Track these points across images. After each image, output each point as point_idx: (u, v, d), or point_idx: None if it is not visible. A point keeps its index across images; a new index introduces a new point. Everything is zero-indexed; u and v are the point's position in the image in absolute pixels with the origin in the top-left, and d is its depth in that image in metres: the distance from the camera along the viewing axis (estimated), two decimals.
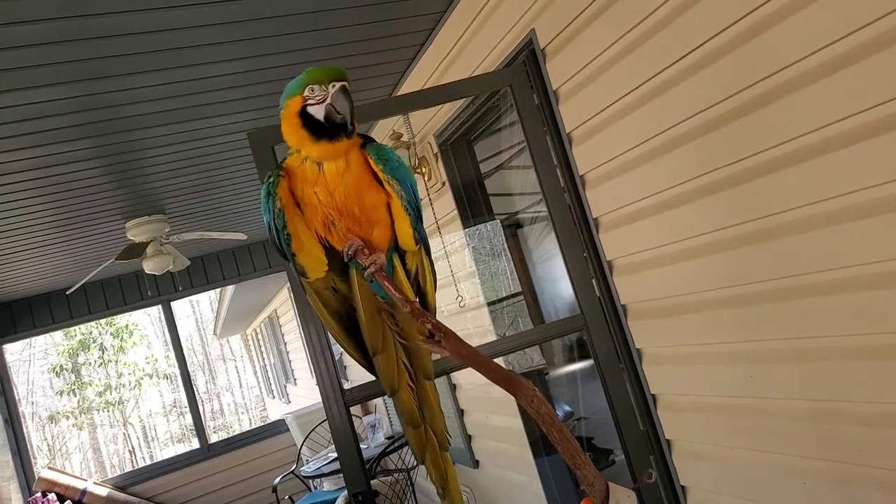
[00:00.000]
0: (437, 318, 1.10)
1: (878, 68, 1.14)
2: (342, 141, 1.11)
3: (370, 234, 1.16)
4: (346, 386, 1.64)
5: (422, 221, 1.21)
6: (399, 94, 2.96)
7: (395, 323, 1.22)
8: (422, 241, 1.22)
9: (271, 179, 1.13)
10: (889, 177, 1.16)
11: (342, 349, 1.26)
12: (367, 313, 1.21)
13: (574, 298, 1.75)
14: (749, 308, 1.53)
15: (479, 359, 1.06)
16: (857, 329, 1.29)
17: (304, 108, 1.10)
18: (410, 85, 2.89)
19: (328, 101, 1.09)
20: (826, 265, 1.32)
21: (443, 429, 1.21)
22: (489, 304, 2.96)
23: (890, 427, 1.27)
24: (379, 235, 1.17)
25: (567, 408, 3.84)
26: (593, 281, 1.95)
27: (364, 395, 1.64)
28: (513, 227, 3.43)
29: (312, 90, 1.10)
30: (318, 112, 1.10)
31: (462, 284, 3.03)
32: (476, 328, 3.00)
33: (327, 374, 1.66)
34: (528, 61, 2.03)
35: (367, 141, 1.18)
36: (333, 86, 1.09)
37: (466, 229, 2.89)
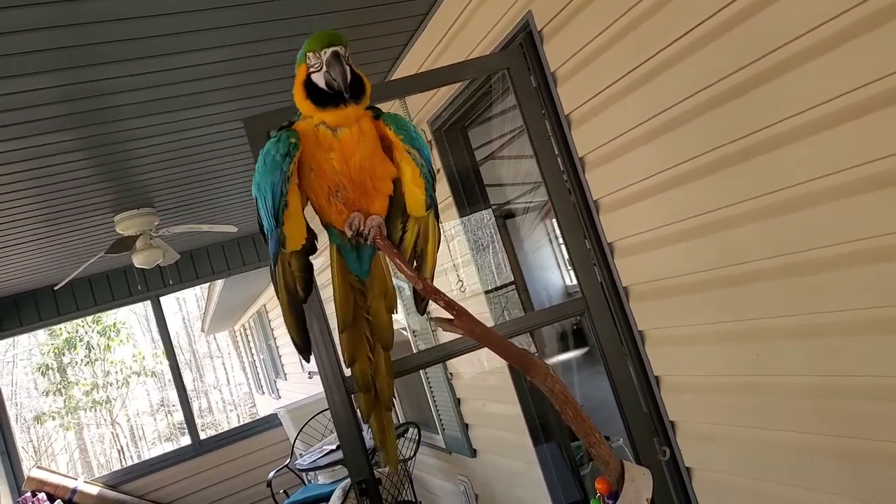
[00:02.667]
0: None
1: (879, 44, 1.13)
2: (349, 107, 1.07)
3: (373, 207, 1.13)
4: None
5: (435, 188, 1.19)
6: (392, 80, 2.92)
7: (365, 300, 1.24)
8: (433, 204, 1.20)
9: (293, 141, 1.06)
10: (893, 150, 1.16)
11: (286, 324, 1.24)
12: (340, 291, 1.23)
13: (563, 286, 1.74)
14: (753, 286, 1.53)
15: (492, 337, 1.05)
16: (864, 303, 1.29)
17: (308, 76, 1.08)
18: (403, 72, 2.86)
19: (324, 68, 1.06)
20: (831, 240, 1.32)
21: (388, 392, 1.26)
22: (481, 293, 2.94)
23: None
24: (380, 209, 1.15)
25: None
26: (594, 264, 1.94)
27: None
28: (504, 217, 3.42)
29: (310, 58, 1.07)
30: (319, 80, 1.07)
31: (456, 273, 3.01)
32: None
33: (328, 362, 1.64)
34: (525, 43, 2.01)
35: (377, 112, 1.16)
36: (325, 52, 1.06)
37: (462, 218, 2.87)
